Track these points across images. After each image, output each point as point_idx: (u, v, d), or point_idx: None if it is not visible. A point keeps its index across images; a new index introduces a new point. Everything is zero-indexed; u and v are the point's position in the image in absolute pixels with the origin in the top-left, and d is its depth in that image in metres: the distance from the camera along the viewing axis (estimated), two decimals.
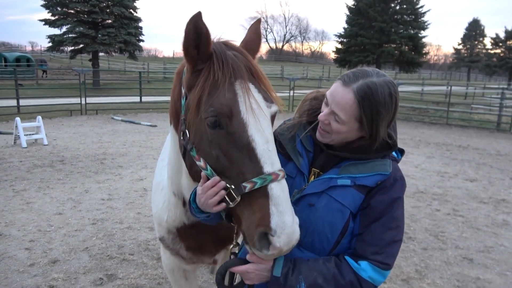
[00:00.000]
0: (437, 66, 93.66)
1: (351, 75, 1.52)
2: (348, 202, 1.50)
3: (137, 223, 5.33)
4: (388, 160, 1.59)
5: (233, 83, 1.40)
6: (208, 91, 1.40)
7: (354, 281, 1.46)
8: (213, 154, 1.42)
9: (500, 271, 4.43)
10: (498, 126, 15.96)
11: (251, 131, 1.36)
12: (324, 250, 1.54)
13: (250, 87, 1.42)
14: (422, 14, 33.12)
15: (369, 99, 1.46)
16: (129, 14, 27.91)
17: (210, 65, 1.43)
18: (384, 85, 1.48)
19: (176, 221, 2.02)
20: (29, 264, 4.17)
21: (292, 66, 55.10)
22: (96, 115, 15.54)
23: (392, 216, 1.52)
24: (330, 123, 1.53)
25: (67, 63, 42.14)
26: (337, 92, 1.52)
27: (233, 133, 1.37)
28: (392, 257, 1.52)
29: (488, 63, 53.30)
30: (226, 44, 1.50)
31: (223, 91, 1.38)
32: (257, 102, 1.41)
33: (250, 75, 1.45)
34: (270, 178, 1.31)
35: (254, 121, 1.37)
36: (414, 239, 5.14)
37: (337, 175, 1.54)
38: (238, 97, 1.38)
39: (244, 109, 1.37)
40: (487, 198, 6.96)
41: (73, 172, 7.54)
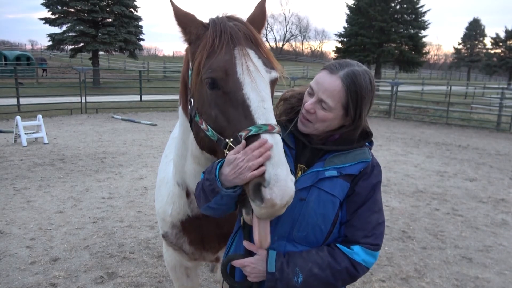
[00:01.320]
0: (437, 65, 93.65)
1: (336, 65, 1.60)
2: (337, 192, 1.57)
3: (137, 221, 5.35)
4: (366, 149, 1.68)
5: (232, 48, 1.46)
6: (207, 55, 1.46)
7: (349, 266, 1.53)
8: (212, 115, 1.47)
9: (499, 270, 4.45)
10: (498, 126, 15.98)
11: (246, 89, 1.40)
12: (318, 242, 1.59)
13: (249, 52, 1.46)
14: (422, 14, 33.11)
15: (355, 84, 1.55)
16: (129, 13, 27.94)
17: (209, 33, 1.50)
18: (365, 73, 1.58)
19: (181, 214, 2.03)
20: (30, 262, 4.19)
21: (292, 66, 55.07)
22: (96, 114, 15.55)
23: (375, 200, 1.63)
24: (316, 112, 1.58)
25: (67, 61, 42.12)
26: (324, 80, 1.58)
27: (229, 92, 1.41)
28: (380, 237, 1.62)
29: (488, 63, 53.34)
30: (229, 17, 1.57)
31: (221, 54, 1.44)
32: (254, 65, 1.44)
33: (250, 43, 1.50)
34: (265, 128, 1.33)
35: (250, 81, 1.41)
36: (413, 238, 5.16)
37: (323, 168, 1.59)
38: (236, 60, 1.43)
39: (241, 70, 1.42)
40: (486, 198, 6.98)
41: (74, 171, 7.56)
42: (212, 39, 1.47)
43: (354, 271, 1.54)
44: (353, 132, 1.64)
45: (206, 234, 2.09)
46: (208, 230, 2.07)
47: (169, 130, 12.18)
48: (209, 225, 2.03)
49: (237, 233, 1.78)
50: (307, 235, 1.58)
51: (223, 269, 1.65)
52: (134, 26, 28.38)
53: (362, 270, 1.56)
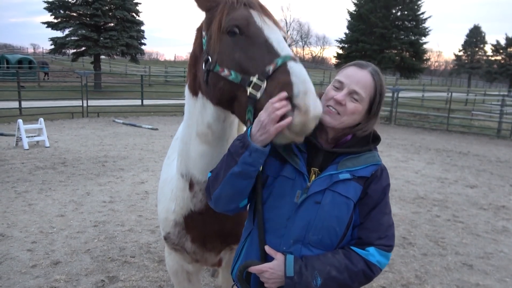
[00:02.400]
0: (437, 72, 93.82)
1: (362, 63, 1.71)
2: (352, 194, 1.60)
3: (138, 225, 5.36)
4: (375, 152, 1.72)
5: (248, 8, 1.61)
6: (227, 12, 1.61)
7: (365, 268, 1.57)
8: (235, 58, 1.57)
9: (499, 278, 4.45)
10: (499, 133, 15.99)
11: (267, 32, 1.56)
12: (332, 245, 1.61)
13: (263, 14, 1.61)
14: (423, 21, 33.23)
15: (380, 79, 1.67)
16: (131, 17, 28.08)
17: None
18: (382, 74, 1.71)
19: (184, 208, 2.03)
20: (31, 265, 4.19)
21: None
22: (98, 117, 15.59)
23: (386, 202, 1.67)
24: (346, 104, 1.62)
25: (69, 65, 42.26)
26: (356, 73, 1.66)
27: (251, 36, 1.55)
28: (392, 238, 1.67)
29: (489, 70, 53.46)
30: None
31: (240, 10, 1.60)
32: (270, 20, 1.62)
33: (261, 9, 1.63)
34: (289, 57, 1.46)
35: (268, 27, 1.58)
36: (414, 245, 5.15)
37: (336, 171, 1.62)
38: (253, 15, 1.60)
39: (259, 21, 1.58)
40: (487, 205, 6.98)
41: (75, 174, 7.57)
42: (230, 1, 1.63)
43: (370, 272, 1.58)
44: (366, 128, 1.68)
45: (208, 232, 2.09)
46: (211, 227, 2.07)
47: (170, 135, 12.21)
48: (211, 222, 2.03)
49: (246, 240, 1.78)
50: (323, 238, 1.59)
51: (239, 276, 1.65)
52: (136, 30, 28.51)
53: (376, 271, 1.60)
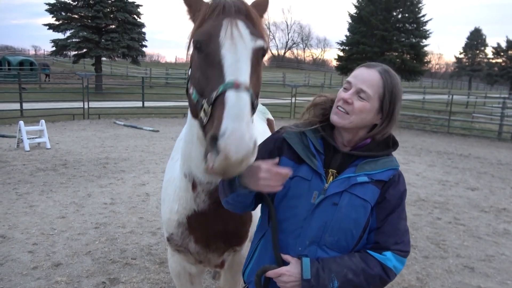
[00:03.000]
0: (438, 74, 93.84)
1: (370, 63, 1.70)
2: (369, 197, 1.61)
3: (139, 227, 5.36)
4: (393, 157, 1.73)
5: (222, 18, 1.53)
6: (199, 24, 1.57)
7: (381, 272, 1.56)
8: (196, 77, 1.56)
9: (501, 280, 4.44)
10: (499, 135, 15.99)
11: (223, 50, 1.47)
12: (348, 248, 1.62)
13: (238, 22, 1.52)
14: (424, 23, 33.23)
15: (390, 78, 1.65)
16: (132, 19, 28.10)
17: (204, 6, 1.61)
18: (396, 74, 1.70)
19: (187, 209, 2.03)
20: (32, 267, 4.20)
21: (294, 73, 55.28)
22: (99, 119, 15.60)
23: (402, 208, 1.68)
24: (353, 103, 1.62)
25: (70, 67, 42.34)
26: (362, 72, 1.67)
27: (209, 53, 1.50)
28: (409, 244, 1.66)
29: (490, 72, 53.41)
30: None
31: (210, 21, 1.54)
32: (239, 32, 1.50)
33: (242, 16, 1.56)
34: (231, 84, 1.38)
35: (230, 43, 1.47)
36: (415, 247, 5.15)
37: (354, 174, 1.63)
38: (222, 26, 1.51)
39: (223, 34, 1.49)
40: (488, 207, 6.98)
41: (76, 176, 7.58)
42: (205, 10, 1.58)
43: (386, 276, 1.58)
44: (384, 131, 1.68)
45: (212, 232, 2.09)
46: (214, 228, 2.06)
47: (171, 137, 12.22)
48: (214, 222, 2.03)
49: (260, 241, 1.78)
50: (339, 240, 1.60)
51: (257, 281, 1.64)
52: (137, 32, 28.53)
53: (392, 276, 1.60)
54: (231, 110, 1.32)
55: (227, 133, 1.27)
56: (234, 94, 1.36)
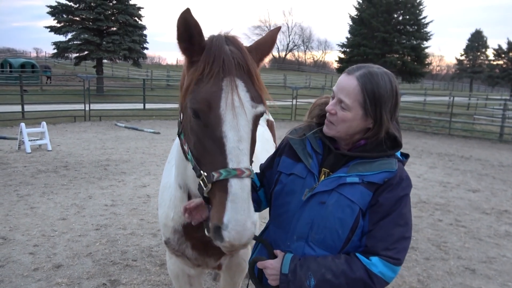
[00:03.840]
0: (439, 76, 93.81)
1: (354, 67, 1.65)
2: (357, 198, 1.57)
3: (140, 229, 5.36)
4: (393, 159, 1.67)
5: (221, 78, 1.44)
6: (196, 82, 1.47)
7: (364, 276, 1.52)
8: (192, 142, 1.53)
9: (502, 282, 4.43)
10: (501, 137, 15.97)
11: (225, 127, 1.41)
12: (336, 247, 1.60)
13: (238, 85, 1.45)
14: (425, 25, 33.30)
15: (371, 82, 1.57)
16: (133, 22, 28.17)
17: (202, 57, 1.49)
18: (383, 73, 1.61)
19: (182, 217, 2.02)
20: (33, 268, 4.20)
21: (295, 75, 55.27)
22: (100, 121, 15.62)
23: (400, 213, 1.59)
24: (337, 113, 1.62)
25: (71, 69, 42.42)
26: (341, 81, 1.64)
27: (209, 126, 1.43)
28: (403, 252, 1.58)
29: (491, 74, 53.42)
30: (228, 38, 1.54)
31: (209, 84, 1.44)
32: (240, 100, 1.43)
33: (242, 73, 1.48)
34: (234, 173, 1.37)
35: (231, 118, 1.41)
36: (416, 249, 5.14)
37: (345, 174, 1.62)
38: (222, 93, 1.42)
39: (224, 105, 1.41)
40: (490, 209, 6.96)
41: (77, 178, 7.58)
42: (203, 65, 1.47)
43: (370, 282, 1.52)
44: (376, 135, 1.64)
45: (208, 239, 2.08)
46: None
47: (172, 138, 12.22)
48: None
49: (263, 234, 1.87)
50: (325, 238, 1.60)
51: (250, 269, 1.73)
52: (138, 35, 28.59)
53: (379, 283, 1.53)
54: (234, 201, 1.35)
55: (230, 226, 1.33)
56: (237, 183, 1.37)
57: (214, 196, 1.43)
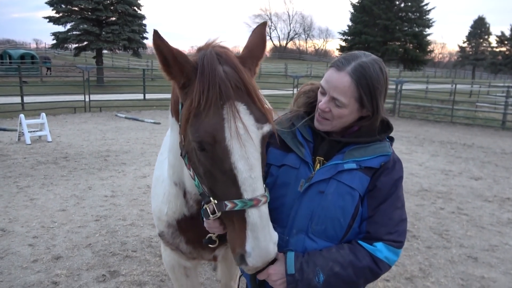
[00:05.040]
0: (441, 64, 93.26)
1: (342, 60, 1.57)
2: (356, 184, 1.55)
3: (140, 220, 5.33)
4: (386, 143, 1.66)
5: (221, 106, 1.35)
6: (194, 114, 1.37)
7: (371, 264, 1.51)
8: (200, 171, 1.46)
9: (505, 270, 4.39)
10: (503, 125, 15.87)
11: (234, 158, 1.34)
12: (337, 236, 1.57)
13: (239, 109, 1.36)
14: (427, 12, 33.00)
15: (365, 77, 1.52)
16: (133, 11, 27.98)
17: (196, 85, 1.38)
18: (373, 62, 1.56)
19: (177, 213, 1.99)
20: (32, 260, 4.18)
21: (296, 64, 54.96)
22: (100, 112, 15.57)
23: (397, 196, 1.60)
24: (331, 110, 1.57)
25: (71, 60, 42.23)
26: (332, 78, 1.56)
27: (217, 159, 1.36)
28: (403, 234, 1.60)
29: (493, 61, 53.11)
30: (220, 56, 1.43)
31: (209, 115, 1.35)
32: (245, 126, 1.35)
33: (241, 95, 1.39)
34: (250, 204, 1.34)
35: (238, 147, 1.34)
36: (418, 238, 5.11)
37: (342, 161, 1.58)
38: (225, 122, 1.34)
39: (229, 136, 1.34)
40: (492, 197, 6.92)
41: (77, 169, 7.56)
42: (198, 95, 1.36)
43: (376, 268, 1.52)
44: (373, 123, 1.62)
45: (202, 233, 2.05)
46: (205, 229, 2.02)
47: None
48: None
49: None
50: (326, 229, 1.56)
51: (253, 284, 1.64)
52: (137, 24, 28.41)
53: (384, 268, 1.54)
54: (254, 230, 1.35)
55: (254, 254, 1.35)
56: (256, 213, 1.35)
57: (230, 222, 1.41)
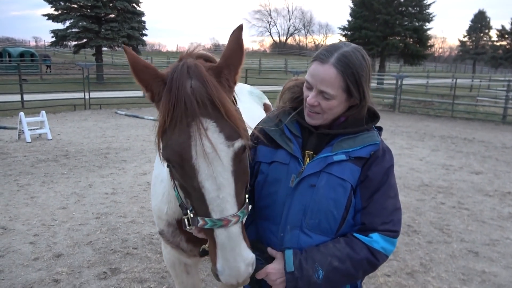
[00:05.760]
0: (442, 58, 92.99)
1: (324, 53, 1.56)
2: (347, 175, 1.55)
3: (140, 217, 5.33)
4: (374, 132, 1.66)
5: (187, 123, 1.31)
6: (163, 130, 1.35)
7: (368, 255, 1.51)
8: (176, 181, 1.47)
9: (505, 264, 4.39)
10: (504, 119, 15.82)
11: (201, 177, 1.32)
12: (332, 230, 1.57)
13: (207, 127, 1.31)
14: (427, 6, 32.80)
15: (349, 66, 1.52)
16: (132, 8, 27.85)
17: (162, 104, 1.36)
18: (355, 50, 1.56)
19: (177, 213, 1.98)
20: (33, 258, 4.18)
21: (296, 60, 54.86)
22: (100, 109, 15.56)
23: (390, 185, 1.59)
24: (320, 104, 1.57)
25: (70, 58, 42.18)
26: (318, 71, 1.55)
27: (186, 176, 1.35)
28: (398, 223, 1.59)
29: (494, 55, 52.89)
30: (190, 69, 1.37)
31: (175, 133, 1.32)
32: (212, 144, 1.30)
33: (209, 111, 1.33)
34: (219, 224, 1.32)
35: (205, 166, 1.31)
36: (419, 232, 5.10)
37: (331, 153, 1.57)
38: (191, 140, 1.30)
39: (195, 155, 1.30)
40: (493, 191, 6.91)
41: (77, 167, 7.55)
42: (165, 113, 1.33)
43: (374, 259, 1.52)
44: (360, 111, 1.62)
45: None
46: None
47: None
48: None
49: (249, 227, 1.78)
50: (320, 222, 1.55)
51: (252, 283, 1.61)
52: (137, 21, 28.30)
53: (382, 258, 1.54)
54: (223, 250, 1.34)
55: (225, 273, 1.35)
56: (223, 233, 1.33)
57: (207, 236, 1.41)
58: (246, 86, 3.72)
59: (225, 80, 1.43)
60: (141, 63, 1.40)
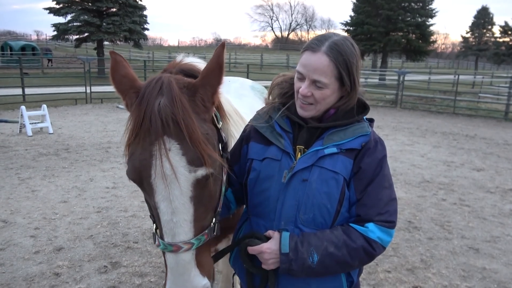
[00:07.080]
0: (444, 54, 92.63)
1: (315, 42, 1.56)
2: (339, 168, 1.54)
3: (141, 211, 5.34)
4: (364, 123, 1.64)
5: (151, 141, 1.28)
6: (128, 144, 1.35)
7: (365, 244, 1.50)
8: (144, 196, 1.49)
9: (506, 261, 4.39)
10: (506, 116, 15.77)
11: (157, 198, 1.31)
12: (326, 224, 1.56)
13: (170, 148, 1.28)
14: (430, 2, 32.64)
15: (341, 54, 1.52)
16: (133, 2, 27.74)
17: (132, 115, 1.35)
18: (344, 39, 1.57)
19: None
20: (34, 251, 4.19)
21: (298, 55, 54.44)
22: (101, 103, 15.55)
23: (383, 175, 1.57)
24: (313, 94, 1.55)
25: (72, 51, 42.13)
26: (310, 60, 1.54)
27: (146, 194, 1.38)
28: (394, 214, 1.57)
29: (497, 52, 52.58)
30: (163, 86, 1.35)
31: (138, 149, 1.31)
32: (172, 166, 1.27)
33: (176, 132, 1.29)
34: (170, 249, 1.34)
35: (163, 188, 1.29)
36: (419, 229, 5.10)
37: (322, 146, 1.56)
38: (152, 159, 1.28)
39: (154, 174, 1.28)
40: (494, 188, 6.89)
41: (78, 161, 7.56)
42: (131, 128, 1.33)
43: (370, 249, 1.51)
44: (349, 101, 1.61)
45: None
46: None
47: None
48: None
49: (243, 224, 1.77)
50: (314, 217, 1.54)
51: (242, 254, 1.62)
52: (138, 15, 28.21)
53: (378, 248, 1.52)
54: (171, 273, 1.36)
55: None
56: (172, 257, 1.34)
57: None
58: (248, 81, 3.72)
59: (199, 100, 1.40)
60: (120, 72, 1.40)
